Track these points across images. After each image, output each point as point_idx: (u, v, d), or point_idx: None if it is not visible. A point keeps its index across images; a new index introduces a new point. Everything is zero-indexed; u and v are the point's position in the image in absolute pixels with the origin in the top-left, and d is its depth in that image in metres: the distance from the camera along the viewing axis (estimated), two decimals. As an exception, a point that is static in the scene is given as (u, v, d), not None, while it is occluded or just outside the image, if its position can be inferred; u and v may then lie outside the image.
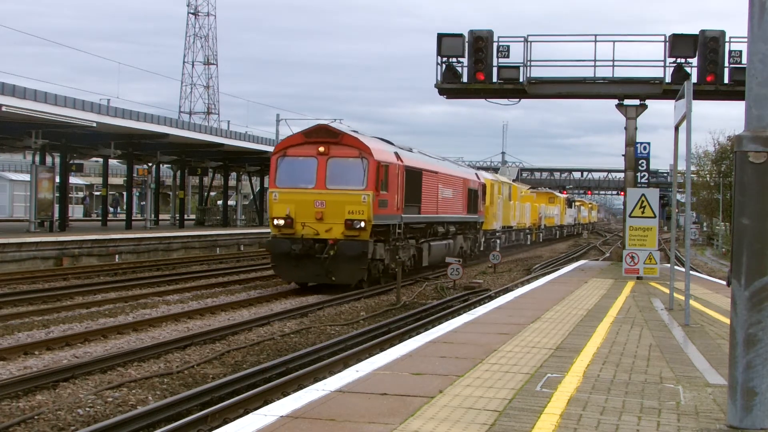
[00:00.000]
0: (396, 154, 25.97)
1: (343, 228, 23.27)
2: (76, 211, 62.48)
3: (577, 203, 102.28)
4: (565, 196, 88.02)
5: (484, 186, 40.55)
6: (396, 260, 25.52)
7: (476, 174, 40.71)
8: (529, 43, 27.74)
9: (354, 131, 25.27)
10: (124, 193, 55.55)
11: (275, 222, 23.67)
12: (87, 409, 10.21)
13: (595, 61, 27.73)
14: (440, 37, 27.10)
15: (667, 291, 17.74)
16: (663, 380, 8.64)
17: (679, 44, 26.53)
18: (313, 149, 23.72)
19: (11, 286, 23.42)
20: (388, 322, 18.58)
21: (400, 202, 25.69)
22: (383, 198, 24.14)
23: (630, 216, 22.44)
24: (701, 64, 26.56)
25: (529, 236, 60.62)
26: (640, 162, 28.30)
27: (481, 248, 41.63)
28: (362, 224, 23.25)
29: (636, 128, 28.61)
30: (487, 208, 41.72)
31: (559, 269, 30.99)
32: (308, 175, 23.73)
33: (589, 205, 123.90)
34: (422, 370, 8.84)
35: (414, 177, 27.49)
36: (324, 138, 23.79)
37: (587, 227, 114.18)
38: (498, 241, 46.61)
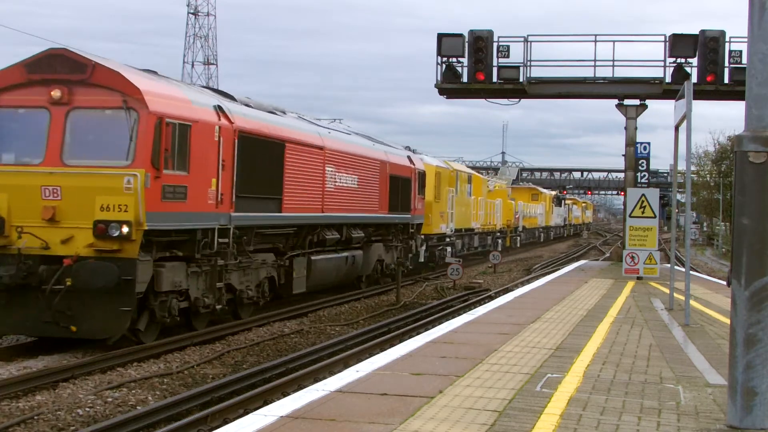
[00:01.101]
0: (218, 109, 15.41)
1: (92, 236, 13.29)
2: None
3: (568, 201, 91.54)
4: (552, 193, 77.45)
5: (422, 174, 29.38)
6: (215, 291, 15.64)
7: (408, 157, 28.53)
8: (529, 43, 27.75)
9: (138, 69, 15.12)
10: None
11: None
12: (87, 409, 10.20)
13: (595, 61, 27.76)
14: (440, 37, 27.11)
15: (667, 291, 17.74)
16: (663, 380, 8.64)
17: (679, 44, 26.53)
18: (41, 94, 13.86)
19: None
20: (388, 322, 18.59)
21: (225, 191, 15.48)
22: (176, 183, 14.14)
23: (630, 216, 22.46)
24: (701, 64, 26.56)
25: (500, 241, 48.82)
26: (640, 162, 28.31)
27: (421, 259, 30.60)
28: (124, 229, 13.17)
29: (636, 128, 28.62)
30: (430, 204, 31.15)
31: (559, 269, 30.99)
32: (32, 141, 13.90)
33: (583, 204, 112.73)
34: (422, 370, 8.84)
35: (264, 151, 17.14)
36: (62, 74, 13.85)
37: (581, 229, 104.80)
38: (450, 249, 35.39)
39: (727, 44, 26.53)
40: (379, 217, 24.91)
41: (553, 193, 78.43)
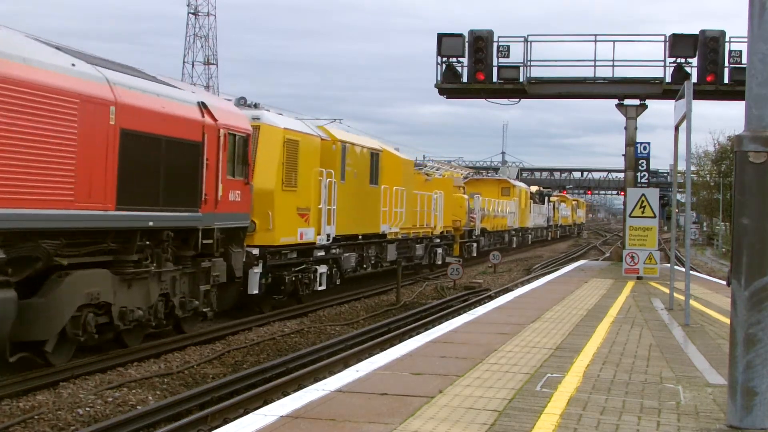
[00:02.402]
0: None
1: None
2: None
3: (554, 198, 78.04)
4: (533, 188, 65.85)
5: (242, 141, 16.46)
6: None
7: (201, 104, 15.26)
8: (529, 43, 27.77)
9: None
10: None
11: None
12: (87, 409, 10.21)
13: (595, 61, 27.80)
14: (440, 37, 27.13)
15: (667, 291, 17.74)
16: (663, 380, 8.64)
17: (679, 44, 26.56)
18: None
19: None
20: (388, 322, 18.59)
21: None
22: None
23: (630, 216, 22.47)
24: (701, 64, 26.58)
25: (439, 251, 33.33)
26: (640, 162, 28.32)
27: (253, 291, 17.78)
28: None
29: (636, 128, 28.63)
30: (269, 195, 18.21)
31: (559, 269, 30.99)
32: None
33: (573, 202, 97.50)
34: (422, 370, 8.84)
35: None
36: None
37: (571, 230, 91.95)
38: (325, 269, 21.16)
39: (727, 44, 26.55)
40: (76, 216, 11.98)
41: (534, 188, 67.09)
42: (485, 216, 43.47)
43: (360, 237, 24.11)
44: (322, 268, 21.04)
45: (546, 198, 70.92)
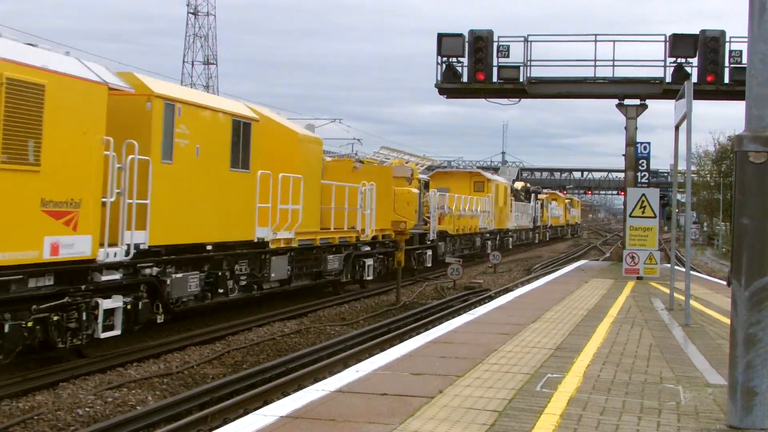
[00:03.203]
0: None
1: None
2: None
3: (543, 196, 68.26)
4: (519, 184, 58.72)
5: None
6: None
7: None
8: (529, 43, 27.78)
9: None
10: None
11: None
12: (87, 409, 10.21)
13: (595, 61, 27.79)
14: (440, 37, 27.15)
15: (667, 291, 17.74)
16: (663, 380, 8.64)
17: (679, 44, 26.57)
18: None
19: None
20: (388, 322, 18.58)
21: None
22: None
23: (630, 216, 22.47)
24: (701, 63, 26.59)
25: (367, 263, 24.18)
26: (640, 162, 28.32)
27: None
28: None
29: (636, 128, 28.64)
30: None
31: (559, 269, 30.99)
32: None
33: (567, 201, 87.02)
34: (422, 370, 8.84)
35: None
36: None
37: (564, 232, 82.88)
38: (131, 301, 13.07)
39: (727, 44, 26.56)
40: None
41: (519, 184, 59.35)
42: (446, 215, 34.59)
43: (210, 247, 15.84)
44: (114, 302, 12.79)
45: (533, 195, 61.99)
